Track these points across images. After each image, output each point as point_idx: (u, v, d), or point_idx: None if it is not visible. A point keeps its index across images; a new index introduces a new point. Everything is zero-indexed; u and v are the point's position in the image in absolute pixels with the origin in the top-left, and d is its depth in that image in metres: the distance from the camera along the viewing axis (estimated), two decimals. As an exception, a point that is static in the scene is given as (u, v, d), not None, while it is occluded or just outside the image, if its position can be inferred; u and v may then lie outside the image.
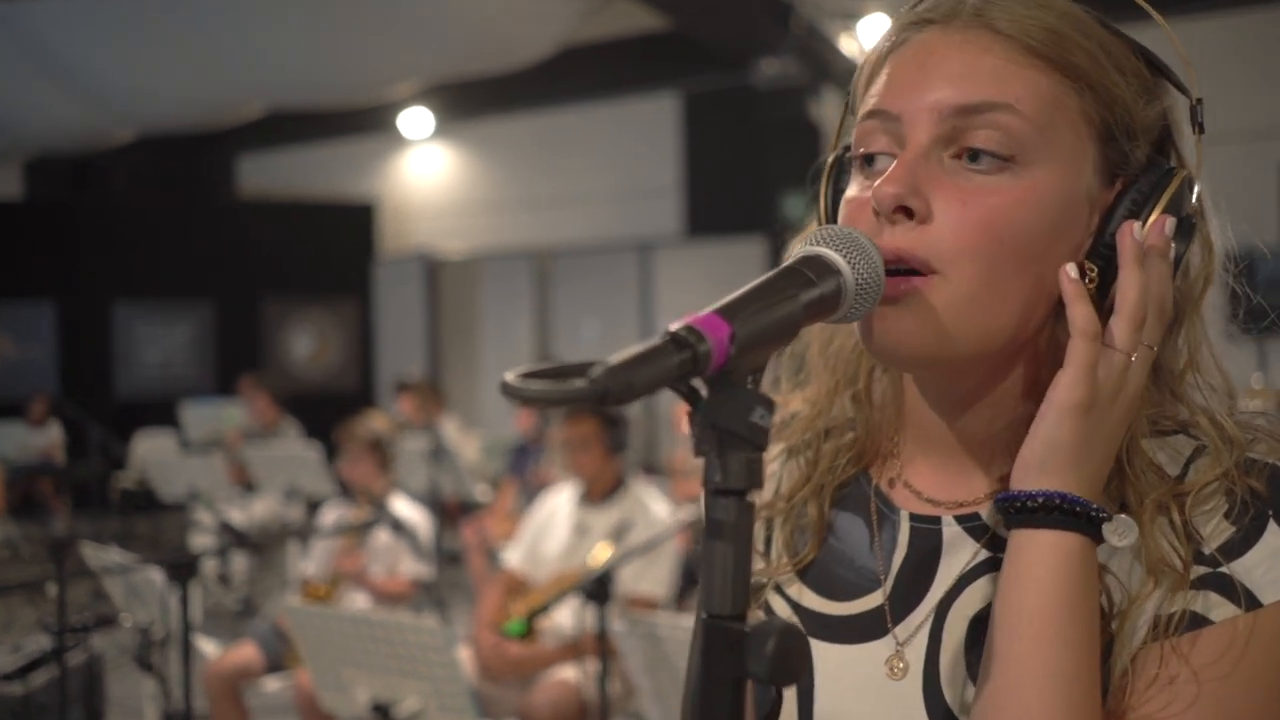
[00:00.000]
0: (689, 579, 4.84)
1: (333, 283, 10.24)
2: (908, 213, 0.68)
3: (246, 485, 6.20)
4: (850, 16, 6.82)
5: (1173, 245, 0.70)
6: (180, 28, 6.23)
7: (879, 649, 0.77)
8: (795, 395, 0.88)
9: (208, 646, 3.74)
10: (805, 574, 0.83)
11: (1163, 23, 0.72)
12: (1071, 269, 0.69)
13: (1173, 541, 0.68)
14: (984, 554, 0.75)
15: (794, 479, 0.85)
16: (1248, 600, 0.65)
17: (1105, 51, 0.70)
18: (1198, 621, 0.65)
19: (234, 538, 3.13)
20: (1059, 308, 0.71)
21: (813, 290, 0.62)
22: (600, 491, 3.39)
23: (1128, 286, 0.68)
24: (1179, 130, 0.73)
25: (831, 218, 0.80)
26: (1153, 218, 0.69)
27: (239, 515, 5.76)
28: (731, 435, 0.55)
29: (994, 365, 0.73)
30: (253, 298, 10.19)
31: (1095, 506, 0.67)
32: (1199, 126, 0.71)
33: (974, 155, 0.68)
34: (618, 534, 3.26)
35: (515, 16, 6.10)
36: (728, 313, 0.56)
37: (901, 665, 0.75)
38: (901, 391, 0.81)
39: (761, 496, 0.86)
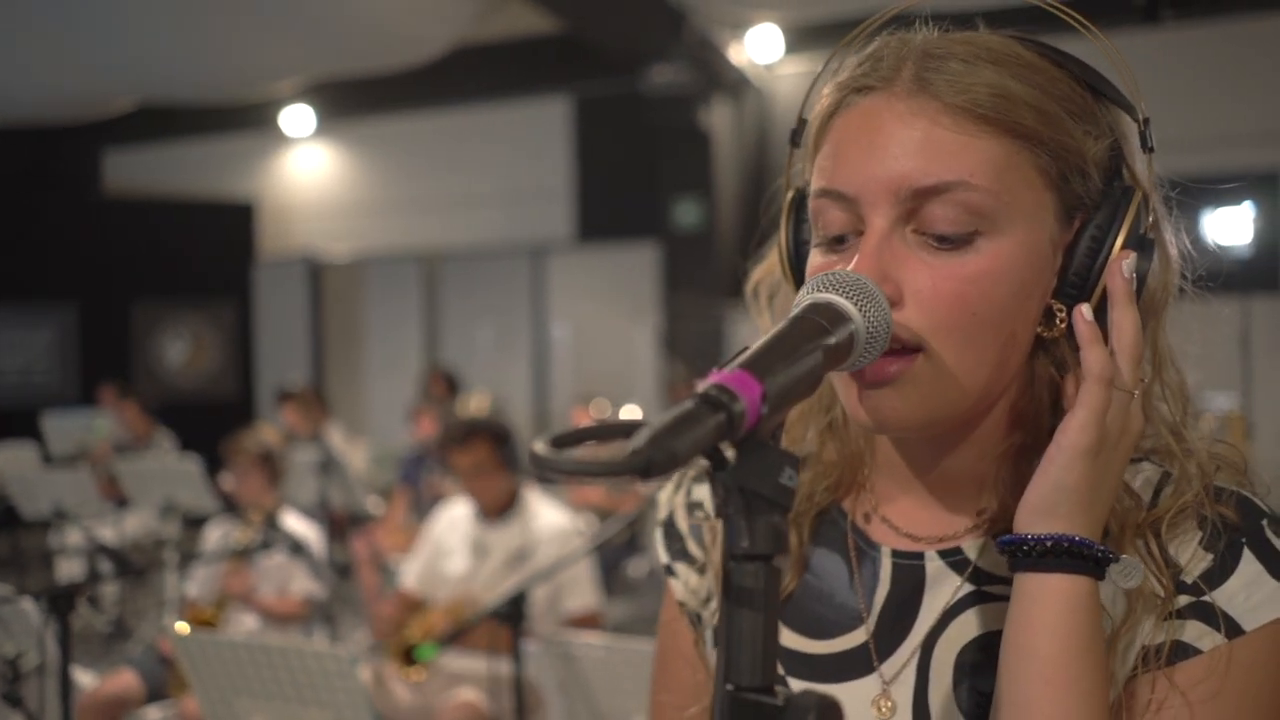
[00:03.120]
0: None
1: (209, 285, 9.82)
2: None
3: (118, 500, 5.87)
4: (740, 26, 6.91)
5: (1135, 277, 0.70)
6: (41, 13, 5.86)
7: (864, 688, 0.76)
8: None
9: (82, 676, 3.52)
10: (783, 613, 0.81)
11: (1107, 44, 0.72)
12: (1087, 310, 0.69)
13: (1153, 569, 0.69)
14: (968, 587, 0.75)
15: None
16: (1231, 628, 0.67)
17: (1050, 95, 0.70)
18: (1185, 651, 0.67)
19: (112, 560, 2.93)
20: (1037, 343, 0.72)
21: (829, 339, 0.60)
22: (496, 509, 3.32)
23: (1125, 325, 0.69)
24: (1130, 147, 0.74)
25: (794, 258, 0.79)
26: (1118, 246, 0.70)
27: (110, 533, 5.45)
28: (759, 498, 0.52)
29: (975, 411, 0.73)
30: (121, 301, 9.68)
31: (1101, 548, 0.67)
32: (1149, 146, 0.72)
33: (938, 237, 0.68)
34: (520, 557, 3.20)
35: (407, 15, 5.95)
36: (757, 369, 0.53)
37: (889, 704, 0.74)
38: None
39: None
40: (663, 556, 0.91)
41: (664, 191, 7.27)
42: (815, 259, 0.73)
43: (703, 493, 0.90)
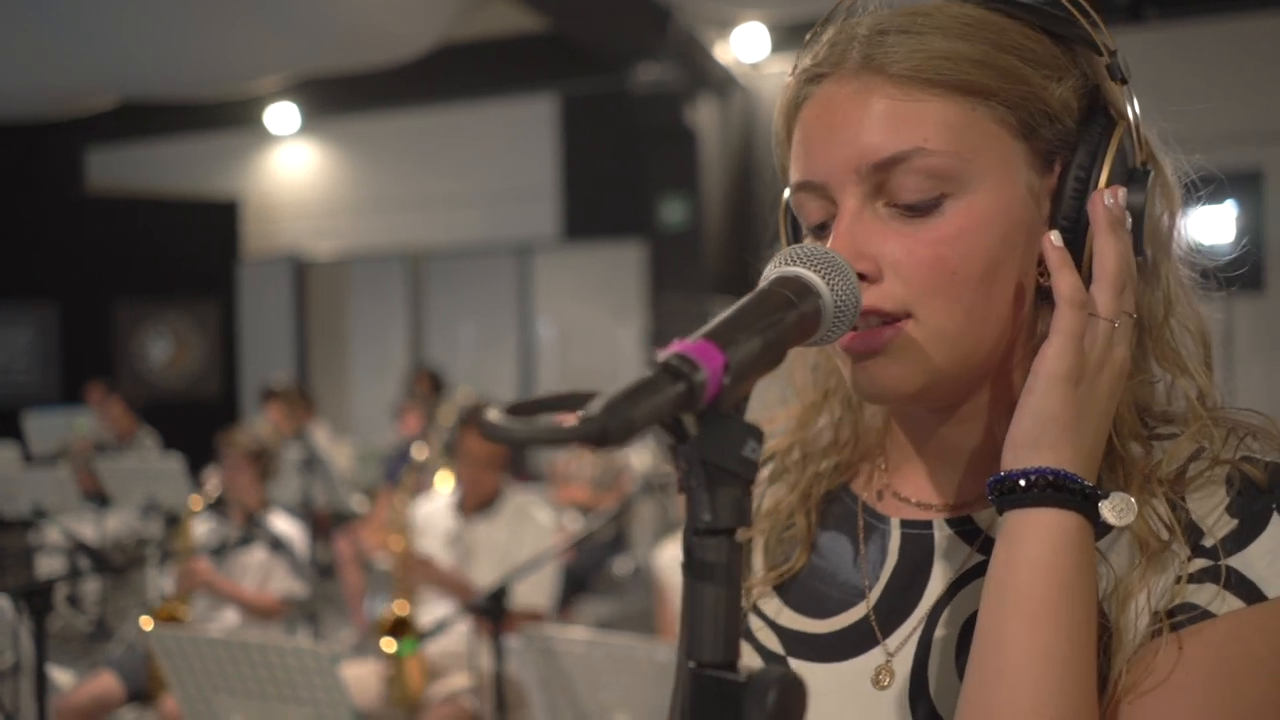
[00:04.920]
0: (574, 586, 4.80)
1: (192, 284, 9.75)
2: (860, 276, 0.68)
3: (100, 499, 5.83)
4: (726, 24, 6.91)
5: (1128, 212, 0.69)
6: (22, 9, 5.81)
7: (866, 662, 0.75)
8: (780, 412, 0.86)
9: (60, 677, 3.48)
10: (785, 592, 0.81)
11: None
12: (1055, 236, 0.68)
13: (1169, 525, 0.66)
14: (978, 558, 0.73)
15: (778, 494, 0.84)
16: (1251, 594, 0.64)
17: (999, 48, 0.69)
18: (1201, 615, 0.64)
19: (90, 559, 2.90)
20: (1043, 298, 0.70)
21: (794, 311, 0.59)
22: (478, 503, 3.30)
23: (1106, 253, 0.67)
24: (1107, 84, 0.72)
25: None
26: (1102, 181, 0.69)
27: (91, 532, 5.41)
28: (722, 471, 0.51)
29: (985, 373, 0.72)
30: (104, 299, 9.61)
31: (1091, 484, 0.65)
32: (1120, 78, 0.71)
33: (907, 206, 0.68)
34: (500, 552, 3.19)
35: (391, 13, 5.93)
36: (720, 339, 0.52)
37: (889, 676, 0.73)
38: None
39: None
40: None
41: (650, 190, 7.26)
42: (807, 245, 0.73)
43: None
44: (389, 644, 3.02)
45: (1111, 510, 0.65)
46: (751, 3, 6.67)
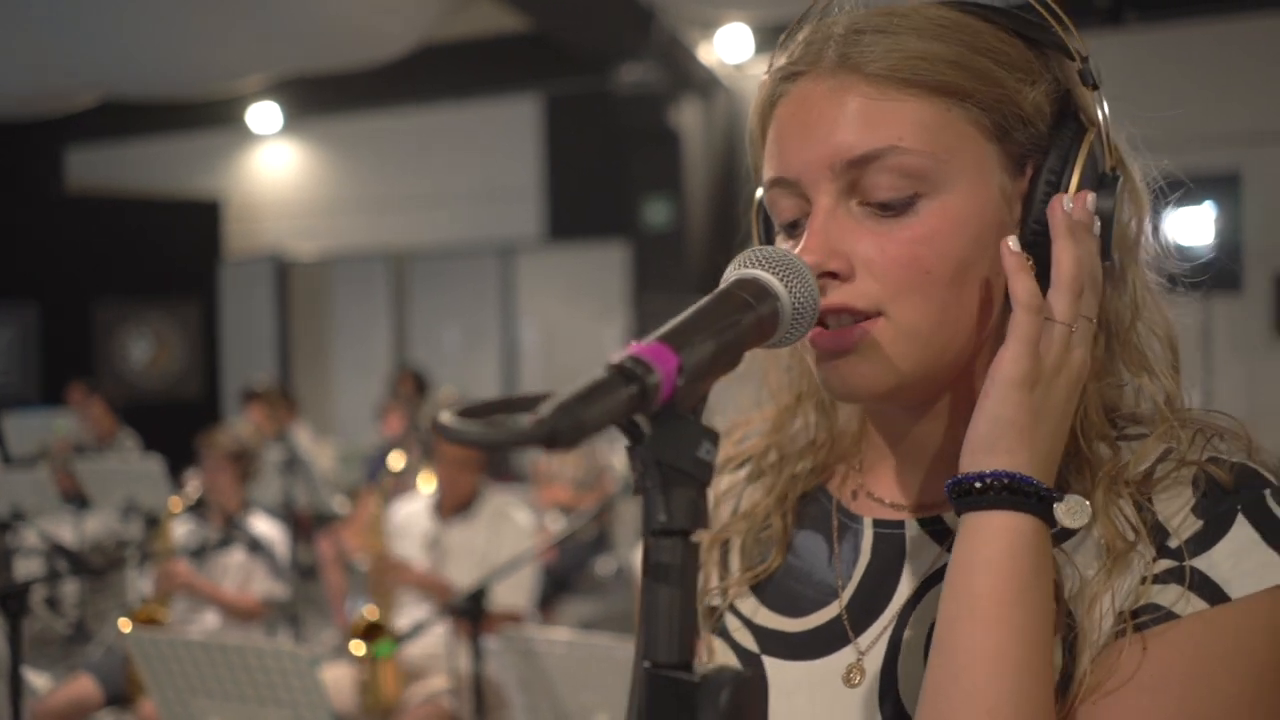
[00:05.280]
0: (556, 586, 4.80)
1: (174, 284, 9.69)
2: (831, 274, 0.68)
3: (79, 501, 5.79)
4: (709, 26, 6.92)
5: (1096, 217, 0.70)
6: (2, 5, 5.77)
7: (838, 660, 0.76)
8: (755, 414, 0.87)
9: (37, 680, 3.46)
10: (761, 592, 0.81)
11: None
12: (1013, 241, 0.69)
13: (1135, 526, 0.66)
14: (947, 558, 0.72)
15: (755, 495, 0.84)
16: (1214, 595, 0.64)
17: (975, 50, 0.70)
18: (1165, 616, 0.64)
19: (68, 560, 2.88)
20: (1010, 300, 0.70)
21: (752, 314, 0.59)
22: (455, 505, 3.29)
23: (1063, 258, 0.68)
24: (1079, 90, 0.73)
25: None
26: (1073, 186, 0.69)
27: (69, 534, 5.37)
28: (677, 472, 0.51)
29: (955, 373, 0.73)
30: (84, 299, 9.54)
31: (1046, 487, 0.65)
32: (1092, 83, 0.71)
33: (881, 205, 0.68)
34: (479, 554, 3.18)
35: (374, 12, 5.91)
36: (674, 341, 0.53)
37: (859, 674, 0.74)
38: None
39: (720, 516, 0.86)
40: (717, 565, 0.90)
41: (633, 191, 7.26)
42: (779, 244, 0.74)
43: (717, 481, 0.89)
44: (359, 647, 3.02)
45: (1066, 512, 0.66)
46: (735, 4, 6.67)
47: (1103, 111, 0.72)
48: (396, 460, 3.71)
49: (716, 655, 0.82)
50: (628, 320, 7.72)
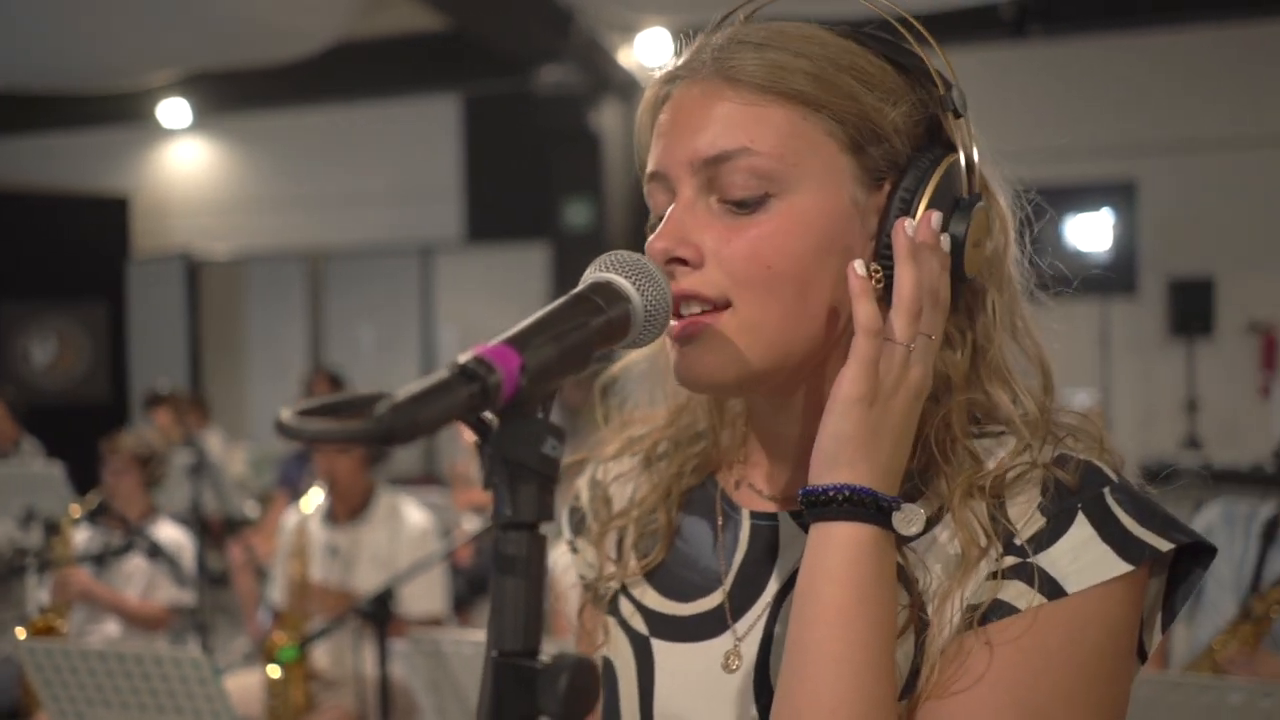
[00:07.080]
0: (474, 589, 4.77)
1: (78, 283, 9.38)
2: (681, 261, 0.73)
3: (-25, 509, 5.57)
4: (628, 29, 6.95)
5: (945, 237, 0.73)
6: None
7: (719, 645, 0.79)
8: (652, 411, 0.91)
9: (-73, 693, 3.33)
10: (652, 577, 0.85)
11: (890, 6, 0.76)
12: (859, 265, 0.73)
13: (985, 528, 0.70)
14: None
15: (645, 488, 0.88)
16: (1053, 590, 0.68)
17: (838, 67, 0.74)
18: (1004, 610, 0.68)
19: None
20: None
21: (601, 317, 0.62)
22: (349, 509, 3.24)
23: (903, 279, 0.72)
24: (947, 117, 0.77)
25: None
26: (920, 211, 0.73)
27: (-35, 542, 5.17)
28: (522, 468, 0.54)
29: (811, 371, 0.76)
30: (-19, 299, 9.20)
31: (886, 497, 0.69)
32: (955, 111, 0.76)
33: (735, 202, 0.73)
34: (379, 557, 3.14)
35: (288, 9, 5.81)
36: (518, 343, 0.55)
37: (737, 660, 0.78)
38: (743, 399, 0.85)
39: (615, 506, 0.89)
40: (566, 534, 0.94)
41: (554, 192, 7.26)
42: (649, 237, 0.77)
43: (610, 470, 0.92)
44: (274, 671, 2.97)
45: (902, 520, 0.70)
46: (654, 8, 6.72)
47: (966, 137, 0.76)
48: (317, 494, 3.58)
49: (612, 637, 0.85)
50: (548, 322, 7.69)
